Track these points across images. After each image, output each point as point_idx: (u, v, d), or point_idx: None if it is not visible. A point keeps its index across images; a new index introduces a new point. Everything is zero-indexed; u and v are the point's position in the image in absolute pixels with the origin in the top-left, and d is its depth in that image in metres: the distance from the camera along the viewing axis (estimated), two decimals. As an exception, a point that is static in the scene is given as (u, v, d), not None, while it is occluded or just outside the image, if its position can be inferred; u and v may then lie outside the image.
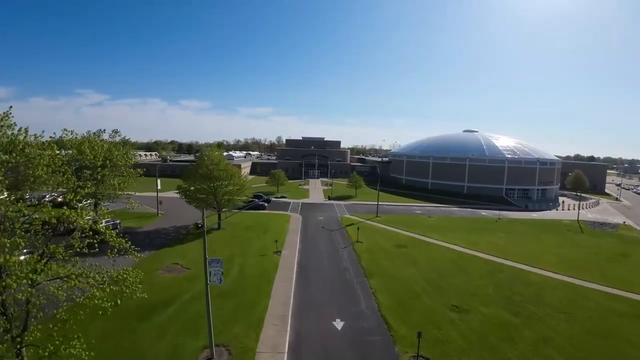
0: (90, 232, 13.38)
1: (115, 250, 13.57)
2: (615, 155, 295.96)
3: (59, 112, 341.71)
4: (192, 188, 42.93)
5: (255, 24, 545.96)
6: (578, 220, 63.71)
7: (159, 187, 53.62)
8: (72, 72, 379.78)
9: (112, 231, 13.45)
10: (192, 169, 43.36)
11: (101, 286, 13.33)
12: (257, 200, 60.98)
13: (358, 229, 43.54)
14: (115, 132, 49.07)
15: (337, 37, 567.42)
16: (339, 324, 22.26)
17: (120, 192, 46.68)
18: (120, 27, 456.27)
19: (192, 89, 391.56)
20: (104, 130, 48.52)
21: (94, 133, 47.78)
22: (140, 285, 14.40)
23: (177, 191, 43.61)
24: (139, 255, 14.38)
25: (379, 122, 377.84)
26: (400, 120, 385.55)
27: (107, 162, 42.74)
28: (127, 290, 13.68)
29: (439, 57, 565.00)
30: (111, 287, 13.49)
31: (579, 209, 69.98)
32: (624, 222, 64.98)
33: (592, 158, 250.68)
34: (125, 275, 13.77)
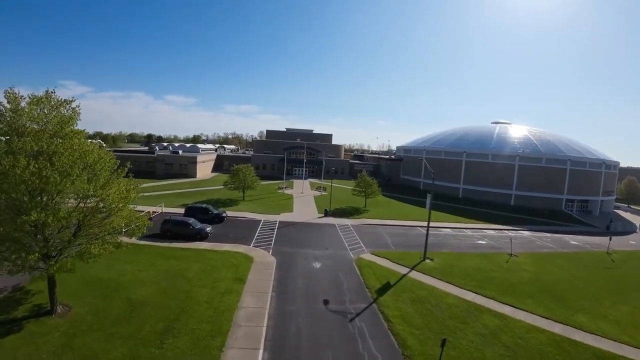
0: None
1: None
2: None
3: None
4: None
5: (240, 20, 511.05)
6: None
7: None
8: (56, 62, 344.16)
9: None
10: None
11: None
12: (190, 222, 31.35)
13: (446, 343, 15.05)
14: None
15: (325, 34, 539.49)
16: None
17: None
18: (106, 19, 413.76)
19: (178, 84, 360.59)
20: None
21: None
22: None
23: None
24: None
25: (364, 122, 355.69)
26: (384, 122, 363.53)
27: None
28: None
29: (440, 56, 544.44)
30: None
31: None
32: None
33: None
34: None
